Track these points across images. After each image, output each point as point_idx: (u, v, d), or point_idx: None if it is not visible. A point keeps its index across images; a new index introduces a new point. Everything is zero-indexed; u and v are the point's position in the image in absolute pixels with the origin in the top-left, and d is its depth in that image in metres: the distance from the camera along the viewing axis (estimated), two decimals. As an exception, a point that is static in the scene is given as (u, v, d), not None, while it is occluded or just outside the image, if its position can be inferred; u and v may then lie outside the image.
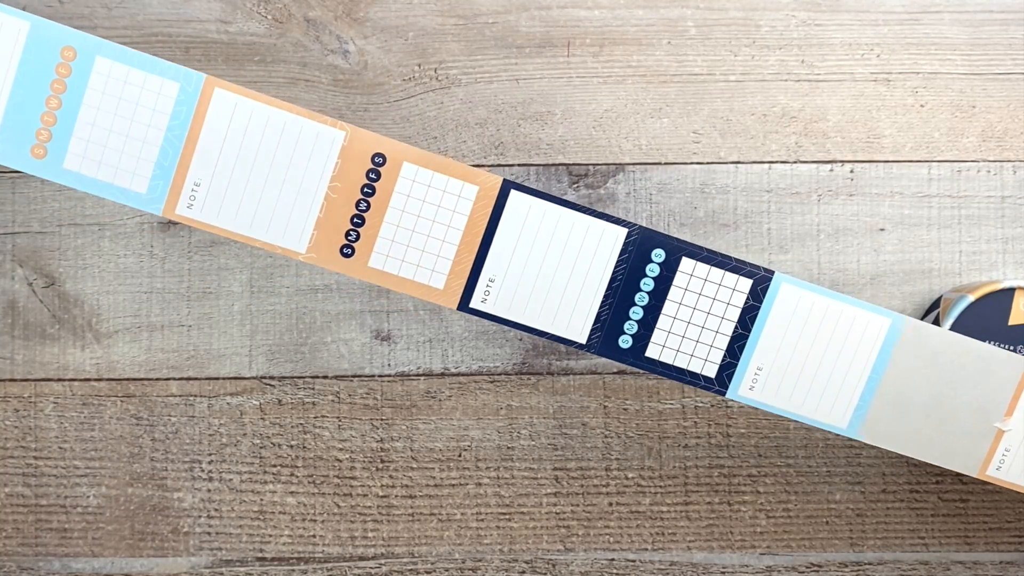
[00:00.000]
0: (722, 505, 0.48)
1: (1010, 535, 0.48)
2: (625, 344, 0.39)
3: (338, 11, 0.49)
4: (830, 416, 0.40)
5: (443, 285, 0.38)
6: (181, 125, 0.36)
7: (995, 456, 0.41)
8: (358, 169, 0.37)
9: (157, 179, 0.36)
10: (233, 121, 0.36)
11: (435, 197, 0.37)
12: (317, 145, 0.37)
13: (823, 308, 0.39)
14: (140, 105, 0.36)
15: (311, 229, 0.37)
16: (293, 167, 0.36)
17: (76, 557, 0.48)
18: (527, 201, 0.38)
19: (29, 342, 0.48)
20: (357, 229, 0.37)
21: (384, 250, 0.38)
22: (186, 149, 0.36)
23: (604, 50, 0.49)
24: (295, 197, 0.37)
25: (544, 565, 0.48)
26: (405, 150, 0.37)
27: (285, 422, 0.48)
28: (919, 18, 0.49)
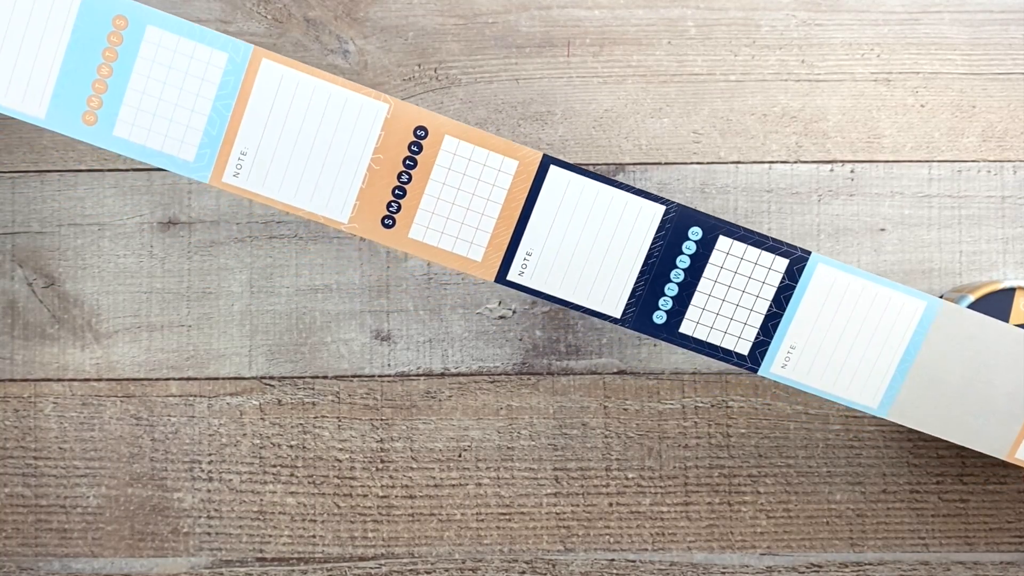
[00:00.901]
0: (722, 505, 0.48)
1: (1010, 535, 0.48)
2: (660, 320, 0.39)
3: (338, 11, 0.49)
4: (861, 396, 0.40)
5: (481, 257, 0.38)
6: (229, 95, 0.37)
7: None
8: (401, 141, 0.37)
9: (205, 147, 0.37)
10: (279, 92, 0.37)
11: (475, 171, 0.38)
12: (361, 117, 0.37)
13: (859, 289, 0.39)
14: (189, 74, 0.36)
15: (353, 199, 0.37)
16: (337, 138, 0.37)
17: (76, 557, 0.48)
18: (566, 176, 0.38)
19: (29, 342, 0.48)
20: (399, 200, 0.38)
21: (424, 222, 0.38)
22: (233, 118, 0.37)
23: (604, 50, 0.49)
24: (339, 168, 0.37)
25: (544, 565, 0.48)
26: (447, 123, 0.37)
27: (285, 422, 0.48)
28: (919, 18, 0.49)
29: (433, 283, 0.49)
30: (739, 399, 0.48)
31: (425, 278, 0.49)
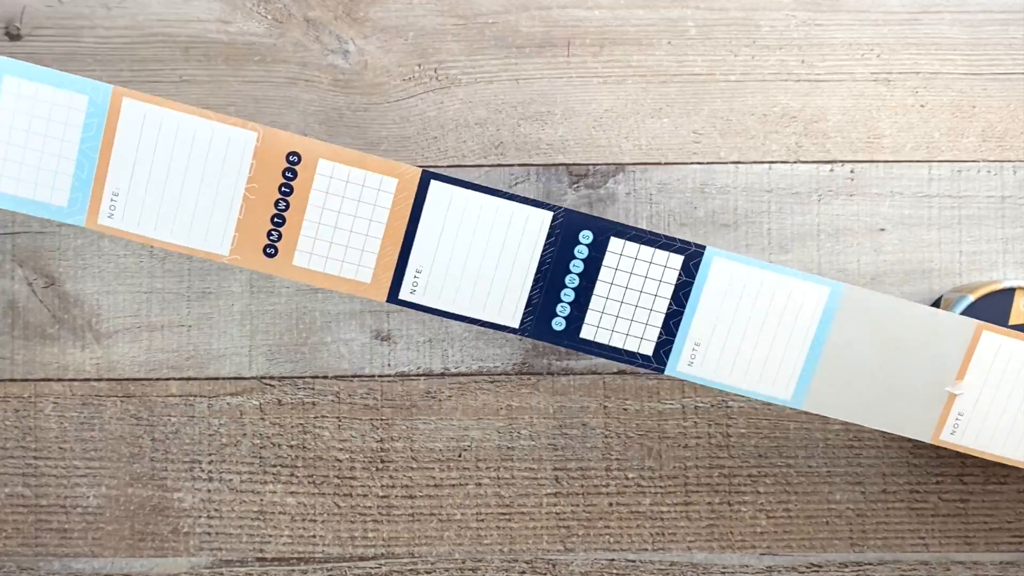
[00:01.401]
0: (722, 505, 0.48)
1: (1010, 535, 0.48)
2: (559, 327, 0.39)
3: (338, 11, 0.49)
4: (773, 389, 0.39)
5: (370, 279, 0.38)
6: (94, 136, 0.36)
7: (948, 421, 0.40)
8: (274, 169, 0.37)
9: (76, 191, 0.36)
10: (144, 130, 0.36)
11: (354, 192, 0.37)
12: (230, 148, 0.36)
13: (758, 280, 0.39)
14: (52, 120, 0.36)
15: (232, 231, 0.37)
16: (208, 171, 0.36)
17: (76, 557, 0.48)
18: (448, 191, 0.37)
19: (29, 342, 0.48)
20: (279, 228, 0.37)
21: (308, 248, 0.37)
22: (101, 160, 0.36)
23: (604, 50, 0.49)
24: (213, 200, 0.37)
25: (544, 565, 0.48)
26: (319, 147, 0.37)
27: (285, 422, 0.48)
28: (919, 18, 0.49)
29: (433, 283, 0.49)
30: (739, 399, 0.48)
31: (425, 278, 0.49)
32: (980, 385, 0.40)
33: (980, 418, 0.40)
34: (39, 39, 0.48)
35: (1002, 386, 0.40)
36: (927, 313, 0.40)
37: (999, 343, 0.40)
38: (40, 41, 0.48)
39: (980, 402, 0.40)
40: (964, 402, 0.40)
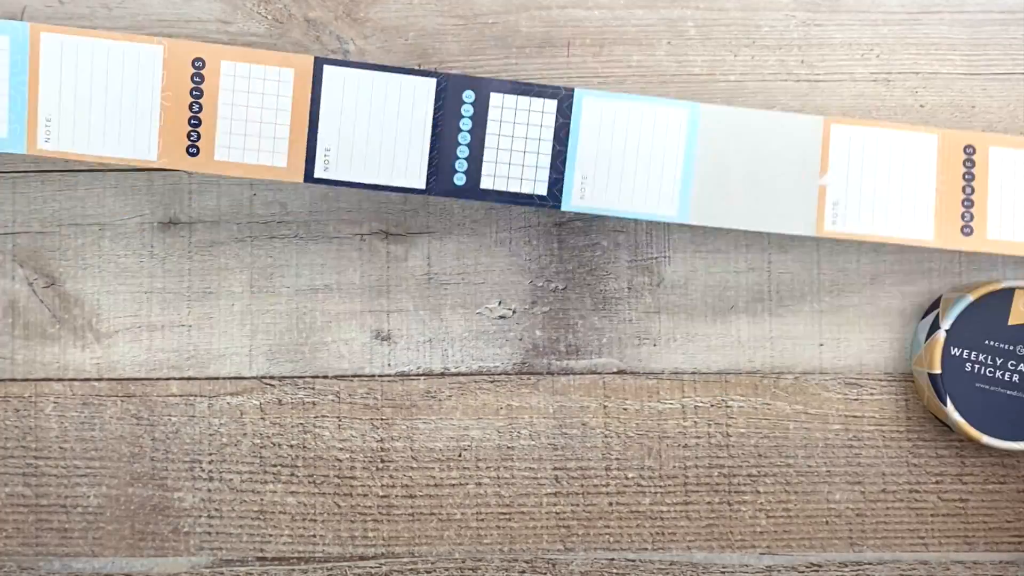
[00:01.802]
0: (722, 505, 0.48)
1: (1010, 535, 0.48)
2: (460, 181, 0.42)
3: (338, 11, 0.49)
4: (659, 208, 0.43)
5: (285, 163, 0.41)
6: (20, 71, 0.40)
7: (826, 213, 0.43)
8: (183, 75, 0.41)
9: (13, 123, 0.40)
10: (64, 58, 0.40)
11: (258, 86, 0.41)
12: (142, 62, 0.40)
13: (625, 112, 0.43)
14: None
15: (156, 137, 0.41)
16: (126, 86, 0.40)
17: (76, 557, 0.48)
18: (341, 72, 0.41)
19: (29, 342, 0.48)
20: (196, 129, 0.41)
21: (225, 143, 0.41)
22: (31, 91, 0.40)
23: (604, 50, 0.49)
24: (135, 112, 0.40)
25: (544, 565, 0.48)
26: (220, 50, 0.41)
27: (285, 422, 0.48)
28: (919, 18, 0.49)
29: (433, 283, 0.49)
30: (739, 399, 0.48)
31: (425, 278, 0.49)
32: (844, 174, 0.43)
33: (855, 205, 0.43)
34: (40, 39, 0.48)
35: (864, 171, 0.44)
36: (777, 117, 0.43)
37: (848, 132, 0.44)
38: (41, 41, 0.48)
39: (849, 190, 0.44)
40: (835, 192, 0.43)
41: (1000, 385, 0.46)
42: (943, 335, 0.46)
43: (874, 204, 0.43)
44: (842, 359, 0.48)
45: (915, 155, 0.44)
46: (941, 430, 0.48)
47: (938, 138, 0.44)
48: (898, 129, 0.44)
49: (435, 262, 0.49)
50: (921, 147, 0.44)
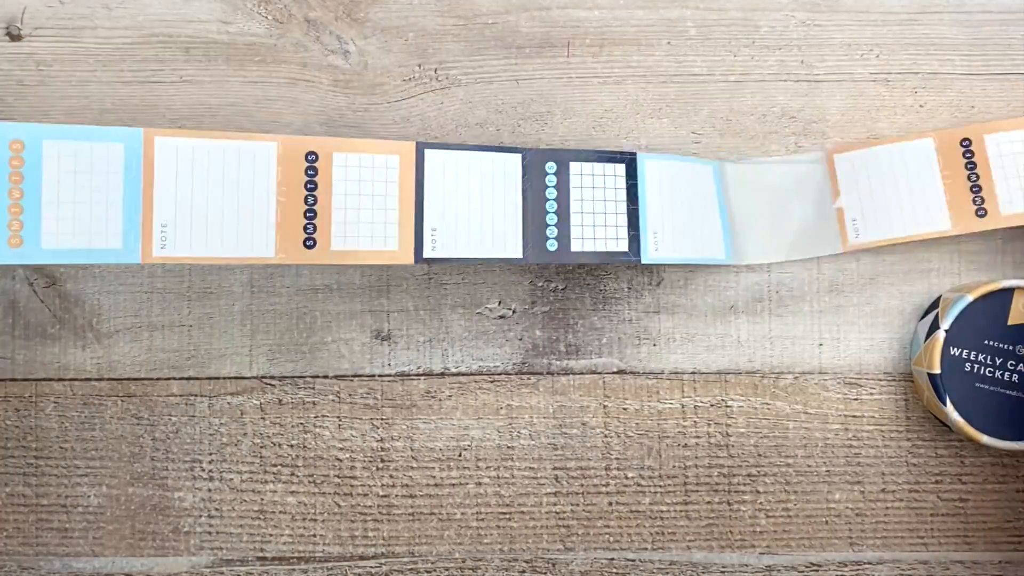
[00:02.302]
0: (722, 505, 0.48)
1: (1009, 535, 0.48)
2: (552, 247, 0.44)
3: (338, 11, 0.49)
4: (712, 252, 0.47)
5: (397, 246, 0.42)
6: (135, 179, 0.39)
7: (847, 229, 0.48)
8: (297, 170, 0.41)
9: (128, 232, 0.39)
10: (179, 161, 0.39)
11: (368, 174, 0.42)
12: (257, 161, 0.40)
13: (677, 169, 0.46)
14: (94, 172, 0.38)
15: (273, 234, 0.40)
16: (242, 185, 0.40)
17: (77, 556, 0.48)
18: (441, 156, 0.43)
19: (30, 342, 0.48)
20: (312, 222, 0.41)
21: (341, 232, 0.41)
22: (145, 198, 0.39)
23: (604, 50, 0.49)
24: (252, 211, 0.40)
25: (544, 565, 0.48)
26: (331, 142, 0.41)
27: (285, 422, 0.48)
28: (918, 18, 0.49)
29: (433, 283, 0.49)
30: (739, 399, 0.48)
31: (425, 278, 0.49)
32: (856, 192, 0.48)
33: (871, 216, 0.47)
34: (40, 39, 0.48)
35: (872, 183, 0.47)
36: (784, 160, 0.49)
37: (851, 157, 0.48)
38: (41, 41, 0.48)
39: (863, 204, 0.48)
40: (852, 211, 0.48)
41: (1000, 385, 0.46)
42: (943, 335, 0.46)
43: (889, 210, 0.47)
44: (842, 359, 0.49)
45: (917, 159, 0.47)
46: (941, 430, 0.48)
47: (934, 139, 0.47)
48: (896, 142, 0.47)
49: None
50: (921, 151, 0.47)
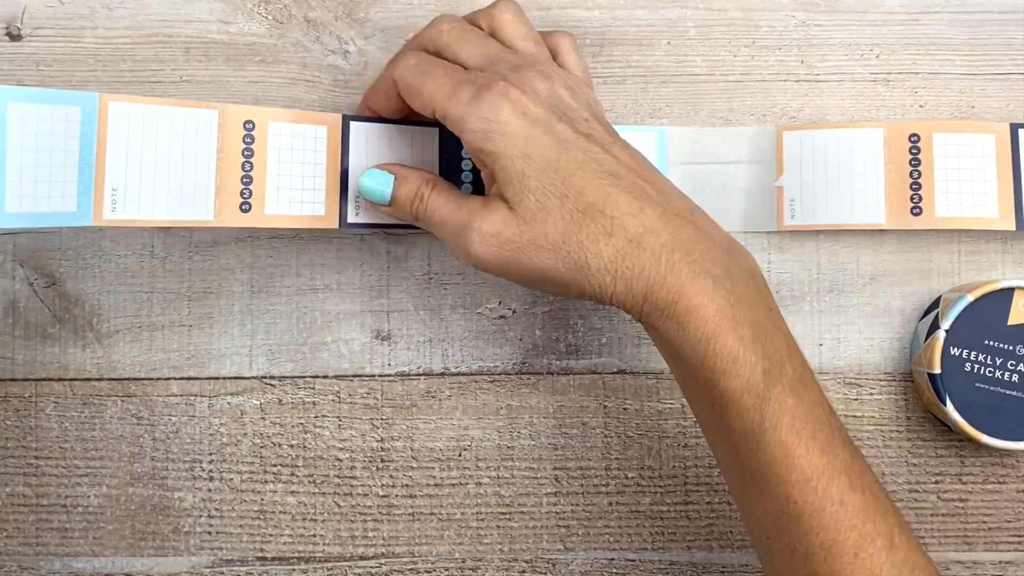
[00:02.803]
0: (722, 505, 0.48)
1: (1009, 535, 0.48)
2: None
3: (338, 11, 0.49)
4: None
5: (324, 212, 0.44)
6: (89, 142, 0.40)
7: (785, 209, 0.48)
8: (235, 137, 0.43)
9: (82, 195, 0.40)
10: (130, 126, 0.40)
11: (299, 143, 0.44)
12: (199, 127, 0.42)
13: None
14: (54, 135, 0.39)
15: (213, 198, 0.42)
16: (186, 150, 0.42)
17: (77, 557, 0.48)
18: (364, 127, 0.45)
19: (30, 342, 0.48)
20: (248, 187, 0.43)
21: (274, 197, 0.43)
22: (98, 161, 0.40)
23: (604, 50, 0.49)
24: (194, 175, 0.42)
25: (544, 565, 0.48)
26: (267, 112, 0.43)
27: (285, 422, 0.48)
28: (919, 18, 0.49)
29: (433, 283, 0.49)
30: (739, 399, 0.48)
31: (425, 278, 0.49)
32: (798, 174, 0.47)
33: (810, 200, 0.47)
34: (40, 39, 0.48)
35: (816, 168, 0.48)
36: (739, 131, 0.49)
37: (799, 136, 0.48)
38: (41, 41, 0.48)
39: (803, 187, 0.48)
40: (791, 190, 0.48)
41: (1000, 385, 0.46)
42: (943, 335, 0.46)
43: (827, 196, 0.47)
44: (842, 359, 0.49)
45: (864, 148, 0.47)
46: (941, 430, 0.48)
47: (884, 130, 0.47)
48: (846, 128, 0.47)
49: (435, 262, 0.49)
50: (869, 140, 0.47)
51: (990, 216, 0.46)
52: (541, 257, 0.38)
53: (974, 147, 0.47)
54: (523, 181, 0.38)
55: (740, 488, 0.38)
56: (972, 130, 0.47)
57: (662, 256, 0.37)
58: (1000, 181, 0.46)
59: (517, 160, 0.38)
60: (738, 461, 0.37)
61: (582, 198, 0.37)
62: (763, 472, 0.37)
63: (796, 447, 0.36)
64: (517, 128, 0.38)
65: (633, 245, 0.37)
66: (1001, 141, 0.47)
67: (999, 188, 0.46)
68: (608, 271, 0.37)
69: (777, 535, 0.37)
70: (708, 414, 0.38)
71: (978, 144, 0.47)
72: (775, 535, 0.37)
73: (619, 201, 0.37)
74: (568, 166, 0.38)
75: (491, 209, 0.39)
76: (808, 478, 0.36)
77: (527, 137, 0.38)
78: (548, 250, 0.38)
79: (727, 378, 0.36)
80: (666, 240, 0.37)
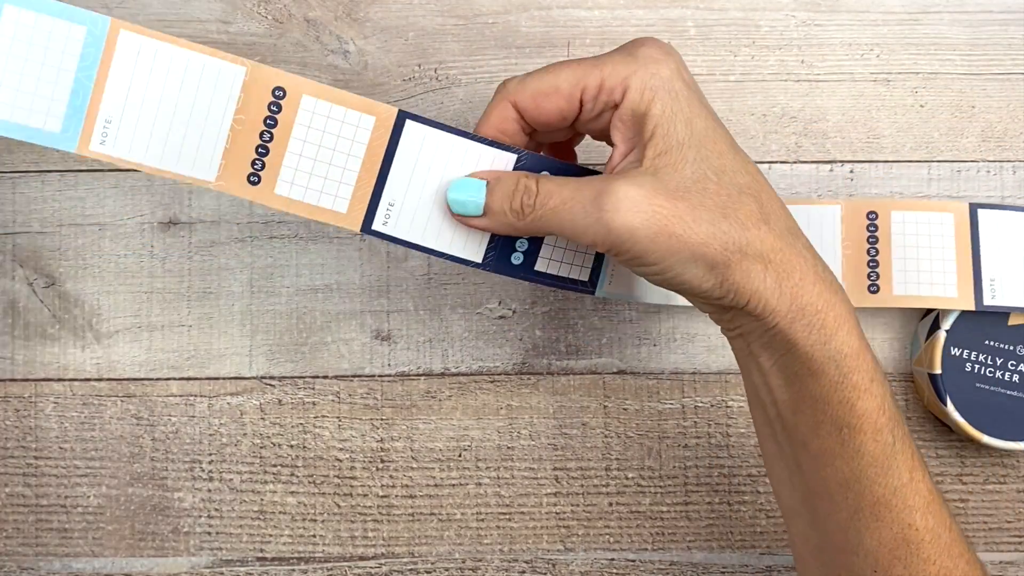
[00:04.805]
0: (722, 505, 0.48)
1: (1009, 535, 0.48)
2: (517, 261, 0.41)
3: (338, 11, 0.49)
4: None
5: (346, 209, 0.39)
6: (90, 66, 0.37)
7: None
8: (260, 102, 0.38)
9: (70, 118, 0.37)
10: (140, 61, 0.37)
11: (335, 127, 0.39)
12: (220, 80, 0.38)
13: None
14: (50, 48, 0.36)
15: (219, 159, 0.38)
16: (199, 102, 0.38)
17: (77, 557, 0.48)
18: (422, 130, 0.39)
19: (29, 342, 0.48)
20: (262, 158, 0.39)
21: (289, 178, 0.39)
22: (96, 88, 0.37)
23: (604, 50, 0.49)
24: (202, 130, 0.38)
25: (544, 565, 0.48)
26: (304, 83, 0.39)
27: (285, 422, 0.48)
28: (919, 18, 0.49)
29: (433, 283, 0.49)
30: (739, 399, 0.48)
31: (425, 278, 0.49)
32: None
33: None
34: (40, 39, 0.48)
35: None
36: None
37: None
38: (40, 41, 0.48)
39: None
40: None
41: (1000, 385, 0.46)
42: (943, 335, 0.46)
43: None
44: (842, 359, 0.48)
45: (822, 225, 0.46)
46: (941, 430, 0.48)
47: (842, 208, 0.46)
48: (804, 204, 0.46)
49: (435, 262, 0.49)
50: (827, 217, 0.46)
51: (949, 296, 0.45)
52: (701, 229, 0.33)
53: (932, 225, 0.46)
54: (682, 151, 0.34)
55: (850, 519, 0.35)
56: (930, 208, 0.46)
57: (807, 257, 0.34)
58: (959, 259, 0.45)
59: (680, 126, 0.35)
60: (857, 490, 0.34)
61: (737, 178, 0.34)
62: (888, 498, 0.34)
63: (918, 468, 0.34)
64: (681, 89, 0.35)
65: (785, 240, 0.34)
66: (960, 220, 0.46)
67: (958, 267, 0.45)
68: (761, 259, 0.34)
69: (889, 566, 0.34)
70: (828, 441, 0.35)
71: (936, 223, 0.46)
72: (886, 567, 0.34)
73: (766, 192, 0.35)
74: (721, 143, 0.35)
75: (631, 177, 0.34)
76: (929, 501, 0.34)
77: (689, 101, 0.35)
78: (707, 222, 0.33)
79: (867, 397, 0.34)
80: (806, 243, 0.35)
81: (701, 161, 0.34)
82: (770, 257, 0.34)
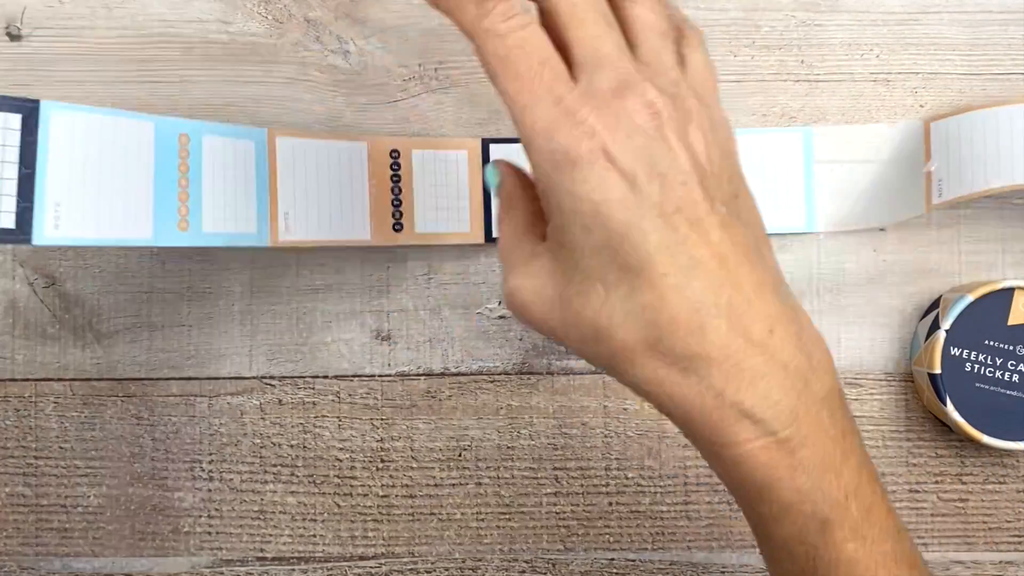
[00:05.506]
0: (722, 505, 0.48)
1: (1009, 534, 0.48)
2: None
3: (338, 11, 0.49)
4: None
5: (469, 228, 0.48)
6: (263, 171, 0.44)
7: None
8: (383, 165, 0.47)
9: (261, 220, 0.43)
10: (295, 159, 0.45)
11: (442, 167, 0.48)
12: (352, 158, 0.46)
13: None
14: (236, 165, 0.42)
15: (368, 220, 0.46)
16: (342, 179, 0.46)
17: (77, 557, 0.48)
18: (506, 148, 0.48)
19: (30, 342, 0.48)
20: (399, 208, 0.47)
21: (423, 216, 0.47)
22: (271, 188, 0.44)
23: (604, 50, 0.49)
24: (351, 200, 0.46)
25: (544, 565, 0.48)
26: (410, 142, 0.47)
27: (285, 422, 0.48)
28: (919, 18, 0.49)
29: (433, 283, 0.49)
30: (739, 399, 0.48)
31: (425, 278, 0.49)
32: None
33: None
34: (40, 39, 0.48)
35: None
36: None
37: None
38: (41, 41, 0.48)
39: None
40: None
41: (1000, 385, 0.46)
42: (943, 335, 0.46)
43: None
44: (842, 359, 0.48)
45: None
46: (941, 430, 0.48)
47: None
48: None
49: (435, 262, 0.49)
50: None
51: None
52: None
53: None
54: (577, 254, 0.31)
55: None
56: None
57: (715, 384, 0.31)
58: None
59: (577, 229, 0.31)
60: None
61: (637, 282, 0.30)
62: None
63: None
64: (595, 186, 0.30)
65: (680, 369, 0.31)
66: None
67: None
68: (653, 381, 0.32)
69: None
70: (761, 546, 0.35)
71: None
72: None
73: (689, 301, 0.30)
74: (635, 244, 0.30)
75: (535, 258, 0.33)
76: None
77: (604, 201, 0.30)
78: None
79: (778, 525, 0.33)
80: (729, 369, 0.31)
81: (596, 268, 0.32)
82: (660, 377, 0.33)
